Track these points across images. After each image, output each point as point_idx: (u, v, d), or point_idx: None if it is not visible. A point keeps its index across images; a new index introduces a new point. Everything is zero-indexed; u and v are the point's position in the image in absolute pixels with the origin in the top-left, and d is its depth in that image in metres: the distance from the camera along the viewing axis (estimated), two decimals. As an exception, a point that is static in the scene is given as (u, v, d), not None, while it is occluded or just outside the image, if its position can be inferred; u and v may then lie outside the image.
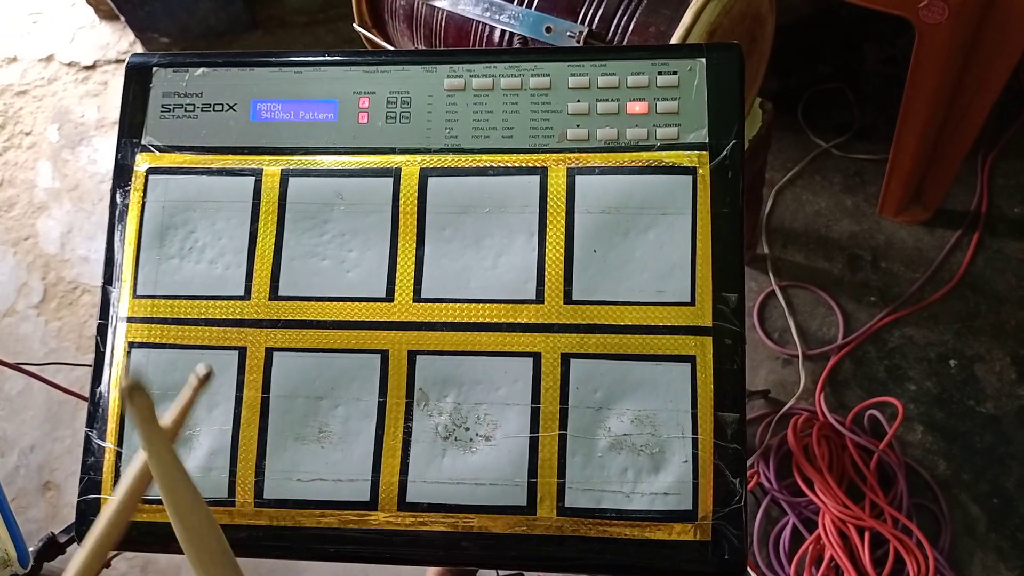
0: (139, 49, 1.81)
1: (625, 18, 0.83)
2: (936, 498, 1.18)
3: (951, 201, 1.38)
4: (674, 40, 0.79)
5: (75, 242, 1.65)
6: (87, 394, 0.61)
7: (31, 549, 0.87)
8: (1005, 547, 1.14)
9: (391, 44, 1.06)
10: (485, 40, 0.91)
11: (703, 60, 0.59)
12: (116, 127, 0.63)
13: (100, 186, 1.71)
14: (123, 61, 1.87)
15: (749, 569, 1.16)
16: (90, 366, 0.61)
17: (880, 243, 1.37)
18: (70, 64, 1.84)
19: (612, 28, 0.83)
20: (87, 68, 1.84)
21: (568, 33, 0.84)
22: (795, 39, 1.53)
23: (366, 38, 1.08)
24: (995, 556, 1.13)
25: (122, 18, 1.74)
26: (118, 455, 0.58)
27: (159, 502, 0.56)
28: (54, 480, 1.43)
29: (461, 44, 0.95)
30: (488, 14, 0.90)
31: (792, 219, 1.42)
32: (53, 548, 1.17)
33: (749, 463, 1.21)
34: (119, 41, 1.85)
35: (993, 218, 1.36)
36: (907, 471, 1.18)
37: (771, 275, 1.36)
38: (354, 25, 1.07)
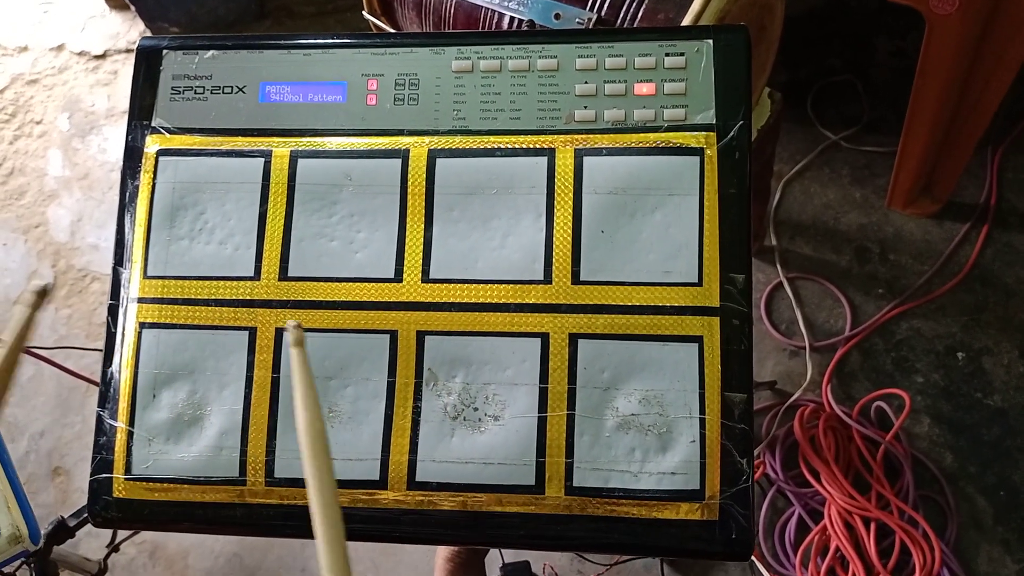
0: (149, 40, 1.82)
1: (634, 5, 0.83)
2: (942, 490, 1.17)
3: (960, 194, 1.37)
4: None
5: (85, 230, 1.66)
6: (96, 379, 0.62)
7: (42, 532, 0.88)
8: (1012, 540, 1.14)
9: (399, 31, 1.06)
10: (494, 27, 0.91)
11: (710, 42, 0.59)
12: (126, 116, 0.63)
13: (110, 175, 1.72)
14: (133, 51, 1.87)
15: (755, 559, 1.16)
16: (100, 351, 0.62)
17: (888, 235, 1.37)
18: (80, 53, 1.85)
19: (621, 15, 0.83)
20: (97, 57, 1.85)
21: (577, 20, 0.84)
22: (804, 31, 1.53)
23: (375, 26, 1.08)
24: (1001, 549, 1.13)
25: (132, 8, 1.75)
26: (130, 435, 0.58)
27: (175, 481, 0.57)
28: (63, 466, 1.44)
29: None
30: (497, 1, 0.90)
31: (800, 211, 1.41)
32: (63, 531, 1.18)
33: (755, 453, 1.21)
34: (129, 31, 1.86)
35: (1003, 211, 1.35)
36: (913, 463, 1.18)
37: (779, 267, 1.36)
38: (363, 13, 1.07)
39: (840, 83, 1.50)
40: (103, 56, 1.84)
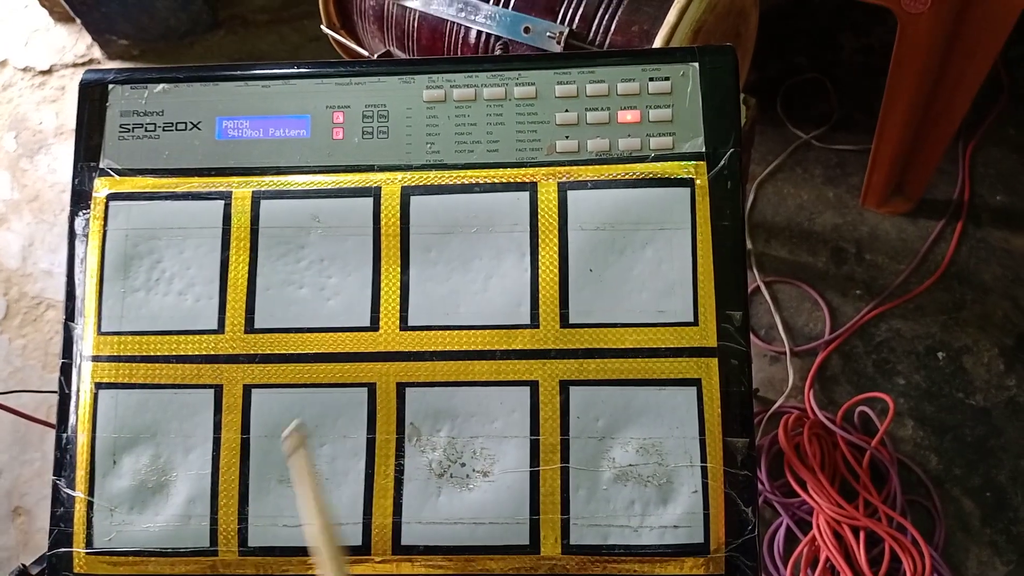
0: (97, 52, 1.75)
1: (607, 17, 0.80)
2: (929, 494, 1.16)
3: (933, 191, 1.36)
4: (659, 39, 0.76)
5: (37, 255, 1.59)
6: (53, 419, 0.57)
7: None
8: (999, 541, 1.13)
9: (360, 46, 1.02)
10: (461, 41, 0.87)
11: (696, 65, 0.56)
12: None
13: (61, 196, 1.65)
14: (80, 65, 1.80)
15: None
16: (55, 392, 0.57)
17: (864, 235, 1.35)
18: (25, 69, 1.78)
19: (593, 28, 0.80)
20: (43, 73, 1.77)
21: (548, 34, 0.81)
22: (770, 30, 1.51)
23: (334, 40, 1.03)
24: (990, 551, 1.13)
25: (78, 20, 1.68)
26: (90, 505, 0.54)
27: (140, 554, 0.53)
28: (24, 505, 1.38)
29: (435, 45, 0.91)
30: (463, 14, 0.86)
31: (774, 213, 1.40)
32: (24, 583, 1.11)
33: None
34: (76, 44, 1.78)
35: (976, 207, 1.35)
36: (899, 467, 1.17)
37: (755, 271, 1.34)
38: (321, 27, 1.03)
39: (808, 81, 1.49)
40: (49, 71, 1.76)
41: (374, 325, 0.54)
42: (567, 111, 0.56)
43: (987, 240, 1.32)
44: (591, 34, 0.81)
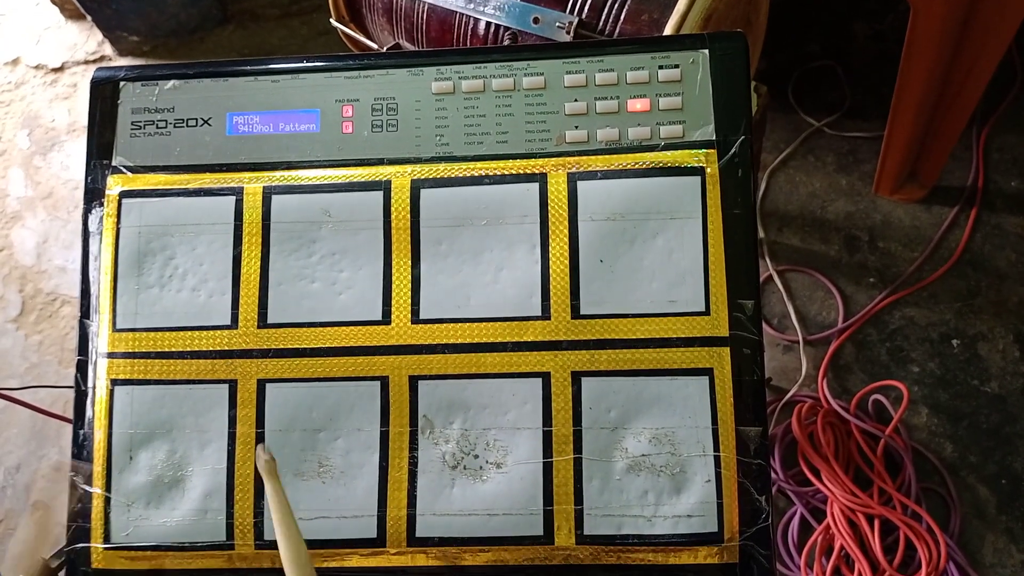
0: (108, 49, 1.76)
1: (616, 6, 0.79)
2: (944, 481, 1.16)
3: (947, 177, 1.35)
4: (669, 27, 0.76)
5: (52, 252, 1.60)
6: (70, 414, 0.58)
7: (21, 580, 0.84)
8: (1016, 529, 1.12)
9: (370, 39, 1.02)
10: (470, 33, 0.87)
11: (706, 52, 0.56)
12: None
13: (74, 193, 1.66)
14: (92, 62, 1.81)
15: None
16: (71, 387, 0.58)
17: (877, 222, 1.34)
18: (37, 67, 1.79)
19: (603, 16, 0.80)
20: (55, 70, 1.78)
21: (557, 23, 0.80)
22: (781, 17, 1.50)
23: (343, 33, 1.03)
24: (1006, 538, 1.12)
25: (89, 17, 1.68)
26: (107, 500, 0.54)
27: (157, 549, 0.53)
28: (43, 499, 1.39)
29: (444, 37, 0.91)
30: (472, 5, 0.86)
31: (787, 201, 1.39)
32: (45, 574, 1.12)
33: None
34: (87, 41, 1.79)
35: (990, 193, 1.33)
36: (914, 455, 1.17)
37: (768, 260, 1.34)
38: (330, 20, 1.03)
39: (820, 68, 1.48)
40: (61, 69, 1.77)
41: (386, 318, 0.54)
42: (576, 101, 0.56)
43: (1002, 226, 1.31)
44: (600, 23, 0.80)
